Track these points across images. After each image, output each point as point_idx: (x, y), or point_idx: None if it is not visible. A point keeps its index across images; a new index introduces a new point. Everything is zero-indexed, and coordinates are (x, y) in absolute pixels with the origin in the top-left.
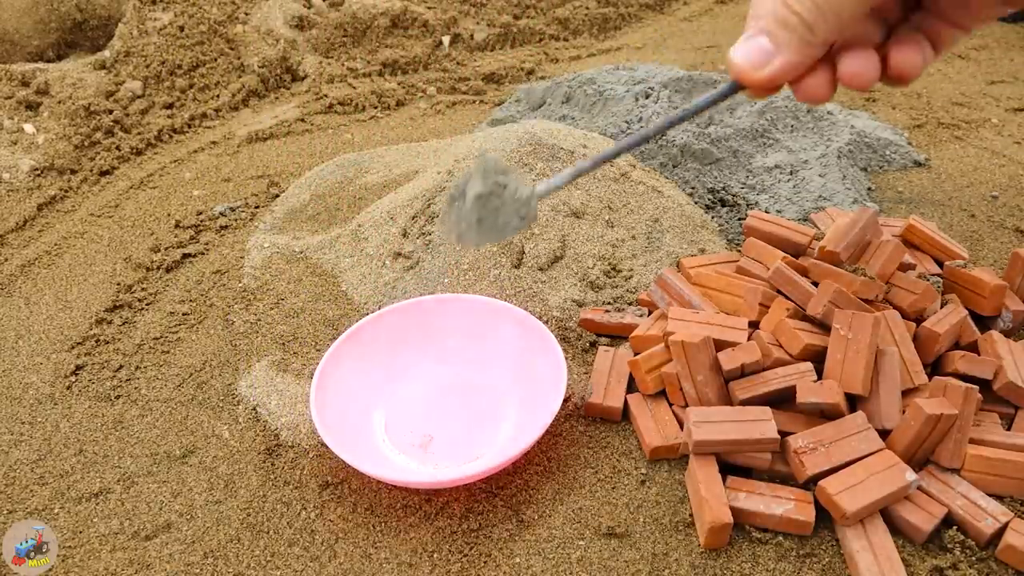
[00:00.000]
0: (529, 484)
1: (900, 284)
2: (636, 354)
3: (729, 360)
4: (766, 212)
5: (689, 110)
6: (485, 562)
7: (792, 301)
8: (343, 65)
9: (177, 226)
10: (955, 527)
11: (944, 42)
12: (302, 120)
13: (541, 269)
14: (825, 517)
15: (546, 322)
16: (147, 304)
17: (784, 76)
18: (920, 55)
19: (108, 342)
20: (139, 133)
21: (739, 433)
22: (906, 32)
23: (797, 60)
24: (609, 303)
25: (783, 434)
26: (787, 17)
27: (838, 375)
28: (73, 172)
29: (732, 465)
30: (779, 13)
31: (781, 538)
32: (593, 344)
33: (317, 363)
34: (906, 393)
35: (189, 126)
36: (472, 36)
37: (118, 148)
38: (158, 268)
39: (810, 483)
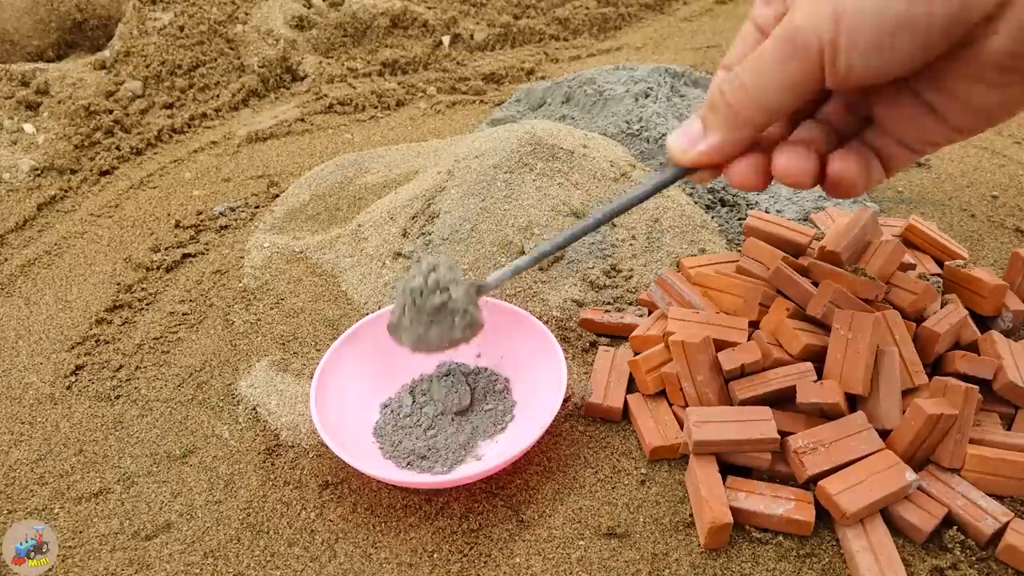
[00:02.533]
0: (529, 484)
1: (900, 284)
2: (636, 354)
3: (729, 360)
4: (766, 212)
5: (636, 197)
6: (485, 562)
7: (792, 301)
8: (343, 65)
9: (177, 226)
10: (955, 527)
11: (895, 163)
12: (302, 120)
13: (541, 269)
14: (825, 517)
15: (546, 322)
16: (147, 304)
17: (712, 157)
18: (862, 168)
19: (108, 342)
20: (139, 133)
21: (739, 433)
22: (855, 146)
23: (722, 141)
24: (609, 303)
25: (783, 434)
26: (716, 100)
27: (838, 375)
28: (73, 172)
29: (732, 465)
30: (711, 96)
31: (781, 538)
32: (593, 344)
33: (317, 363)
34: (906, 393)
35: (189, 126)
36: (472, 36)
37: (118, 148)
38: (158, 268)
39: (810, 483)
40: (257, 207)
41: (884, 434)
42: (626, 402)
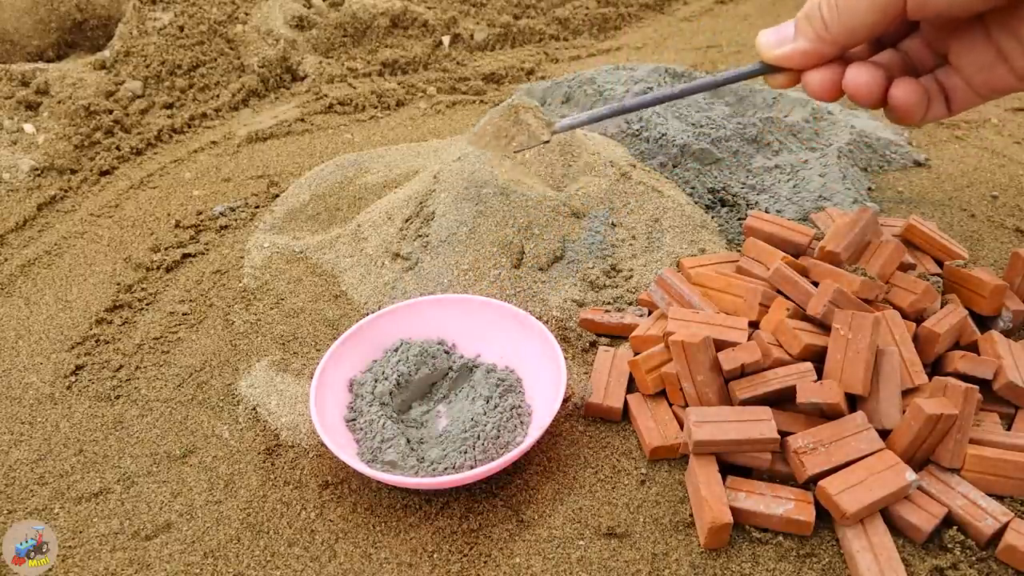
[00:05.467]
0: (529, 484)
1: (900, 284)
2: (636, 354)
3: (729, 360)
4: (766, 212)
5: (717, 80)
6: (485, 562)
7: (792, 301)
8: (343, 65)
9: (177, 226)
10: (955, 527)
11: (959, 103)
12: (302, 120)
13: (541, 269)
14: (825, 517)
15: (546, 322)
16: (147, 304)
17: (794, 60)
18: (921, 98)
19: (108, 342)
20: (139, 133)
21: (739, 433)
22: (924, 80)
23: (808, 49)
24: (609, 303)
25: (783, 434)
26: (812, 10)
27: (838, 375)
28: (73, 172)
29: (732, 465)
30: (809, 6)
31: (781, 538)
32: (593, 344)
33: (317, 363)
34: (906, 393)
35: (189, 126)
36: (472, 36)
37: (118, 148)
38: (158, 268)
39: (810, 483)
40: (257, 207)
41: (884, 434)
42: (626, 402)
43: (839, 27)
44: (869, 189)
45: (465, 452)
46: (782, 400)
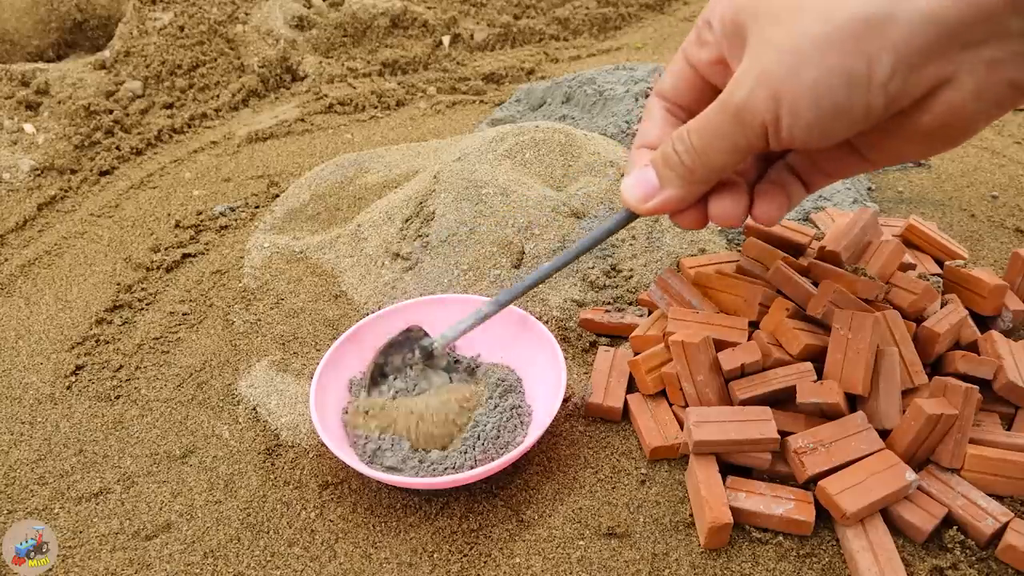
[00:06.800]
0: (529, 484)
1: (900, 284)
2: (636, 354)
3: (729, 360)
4: None
5: (586, 243)
6: (485, 562)
7: (792, 301)
8: (343, 65)
9: (177, 226)
10: (955, 527)
11: (815, 186)
12: (302, 120)
13: None
14: (825, 517)
15: (546, 322)
16: (147, 304)
17: (668, 208)
18: (784, 202)
19: (108, 342)
20: (139, 133)
21: (739, 433)
22: (777, 172)
23: (678, 196)
24: (609, 303)
25: (783, 434)
26: (669, 157)
27: (838, 375)
28: (73, 172)
29: (732, 465)
30: (665, 152)
31: (781, 538)
32: (593, 344)
33: (317, 363)
34: (906, 393)
35: (189, 126)
36: (472, 36)
37: (118, 148)
38: (158, 268)
39: (810, 483)
40: (257, 207)
41: (884, 434)
42: (626, 402)
43: (703, 171)
44: (869, 189)
45: (465, 452)
46: (782, 400)
